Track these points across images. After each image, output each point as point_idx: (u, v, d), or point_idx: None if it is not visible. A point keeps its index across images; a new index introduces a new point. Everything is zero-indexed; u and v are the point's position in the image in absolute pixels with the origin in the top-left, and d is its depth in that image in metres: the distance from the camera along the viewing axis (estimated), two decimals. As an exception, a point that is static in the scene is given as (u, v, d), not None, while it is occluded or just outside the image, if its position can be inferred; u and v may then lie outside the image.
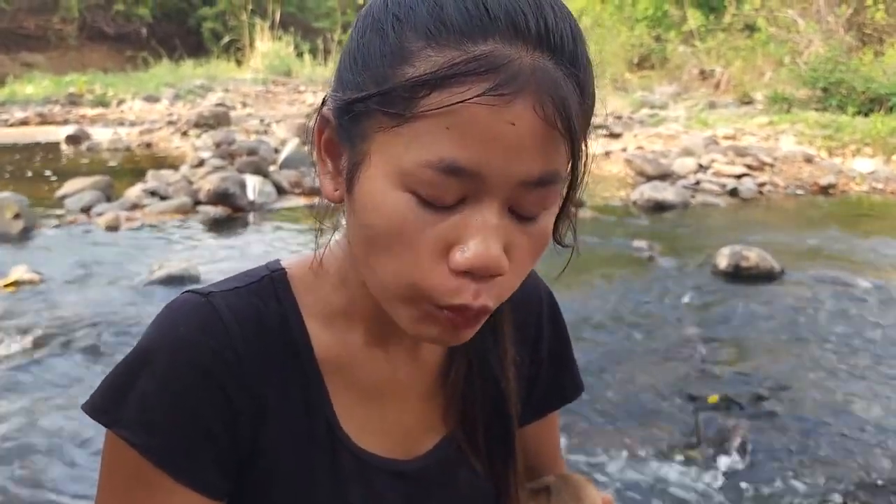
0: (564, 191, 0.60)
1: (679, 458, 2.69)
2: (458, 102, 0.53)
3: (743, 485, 2.55)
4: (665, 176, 7.57)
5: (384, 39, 0.57)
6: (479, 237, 0.56)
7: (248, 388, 0.66)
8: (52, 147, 9.96)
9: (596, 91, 0.60)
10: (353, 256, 0.66)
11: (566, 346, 0.86)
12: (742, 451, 2.71)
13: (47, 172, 8.01)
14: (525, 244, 0.60)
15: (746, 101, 12.59)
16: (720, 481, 2.56)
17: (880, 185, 7.61)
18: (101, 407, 0.64)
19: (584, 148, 0.58)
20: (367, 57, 0.58)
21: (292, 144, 8.11)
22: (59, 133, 10.53)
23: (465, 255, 0.56)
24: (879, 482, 2.56)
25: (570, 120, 0.55)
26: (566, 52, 0.56)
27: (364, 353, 0.71)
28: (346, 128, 0.60)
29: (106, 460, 0.66)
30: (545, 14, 0.56)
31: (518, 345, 0.80)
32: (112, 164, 8.83)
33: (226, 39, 20.29)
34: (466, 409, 0.77)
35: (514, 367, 0.79)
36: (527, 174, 0.56)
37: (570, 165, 0.59)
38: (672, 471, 2.61)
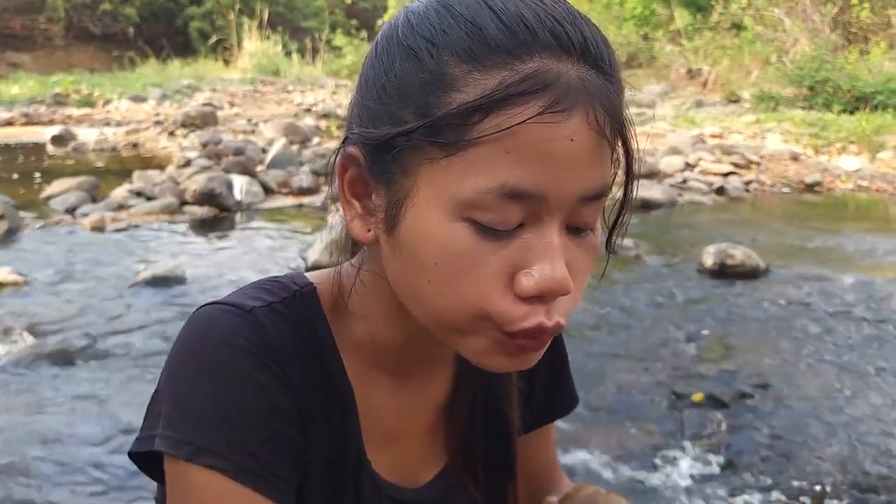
0: (618, 198, 0.61)
1: (663, 455, 2.69)
2: (517, 124, 0.52)
3: (726, 482, 2.56)
4: (652, 174, 7.59)
5: (421, 66, 0.55)
6: (545, 259, 0.55)
7: (302, 404, 0.64)
8: (38, 148, 9.90)
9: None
10: (385, 294, 0.64)
11: (563, 360, 0.86)
12: (726, 448, 2.72)
13: (32, 173, 7.96)
14: (582, 257, 0.59)
15: (733, 99, 12.66)
16: (704, 479, 2.57)
17: (865, 183, 7.66)
18: (178, 440, 0.59)
19: (634, 147, 0.59)
20: (404, 87, 0.56)
21: (279, 144, 8.10)
22: (44, 133, 10.46)
23: (532, 279, 0.55)
24: (863, 478, 2.57)
25: (624, 126, 0.56)
26: (605, 59, 0.56)
27: (378, 385, 0.71)
28: (383, 164, 0.58)
29: (187, 497, 0.60)
30: (580, 24, 0.56)
31: None
32: (98, 164, 8.78)
33: (213, 39, 20.21)
34: (467, 438, 0.77)
35: (517, 391, 0.79)
36: (587, 189, 0.56)
37: (615, 172, 0.59)
38: (656, 468, 2.62)
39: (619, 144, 0.58)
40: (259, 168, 7.33)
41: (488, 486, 0.78)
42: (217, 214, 6.11)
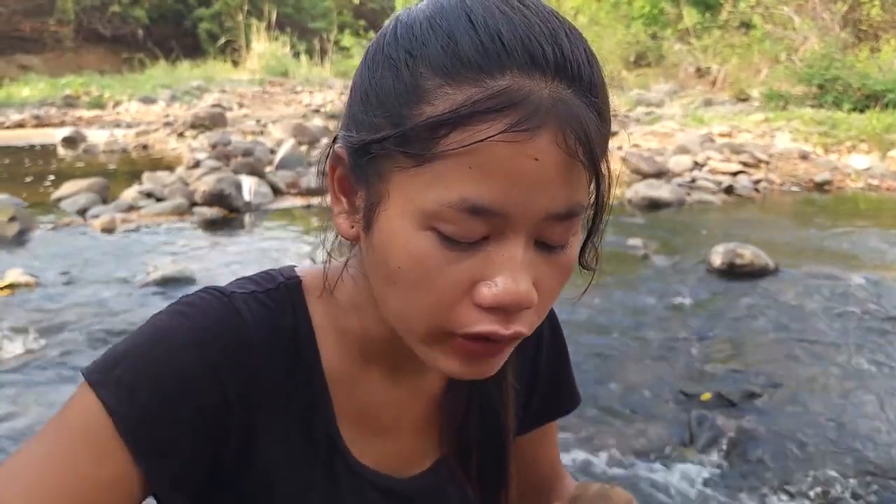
0: (590, 216, 0.60)
1: (672, 455, 2.70)
2: (479, 141, 0.52)
3: (735, 482, 2.56)
4: (660, 174, 7.58)
5: (398, 77, 0.56)
6: (507, 273, 0.56)
7: (252, 395, 0.65)
8: (48, 149, 9.97)
9: (611, 111, 0.59)
10: (370, 289, 0.65)
11: (564, 359, 0.86)
12: (734, 448, 2.72)
13: (43, 175, 8.01)
14: (552, 274, 0.59)
15: (742, 98, 12.62)
16: (712, 478, 2.57)
17: (875, 182, 7.63)
18: (95, 368, 0.62)
19: (606, 173, 0.58)
20: (382, 96, 0.57)
21: (288, 145, 8.12)
22: (55, 135, 10.54)
23: (492, 290, 0.56)
24: (873, 478, 2.57)
25: (593, 150, 0.55)
26: (583, 79, 0.55)
27: (368, 375, 0.71)
28: (361, 168, 0.59)
29: (67, 414, 0.61)
30: (560, 42, 0.55)
31: (518, 360, 0.79)
32: (108, 166, 8.84)
33: (222, 40, 20.31)
34: (462, 435, 0.77)
35: (513, 391, 0.79)
36: (552, 208, 0.55)
37: (593, 192, 0.59)
38: (664, 468, 2.62)
39: (592, 166, 0.56)
40: (268, 169, 7.36)
41: (482, 481, 0.79)
42: (226, 215, 6.14)
